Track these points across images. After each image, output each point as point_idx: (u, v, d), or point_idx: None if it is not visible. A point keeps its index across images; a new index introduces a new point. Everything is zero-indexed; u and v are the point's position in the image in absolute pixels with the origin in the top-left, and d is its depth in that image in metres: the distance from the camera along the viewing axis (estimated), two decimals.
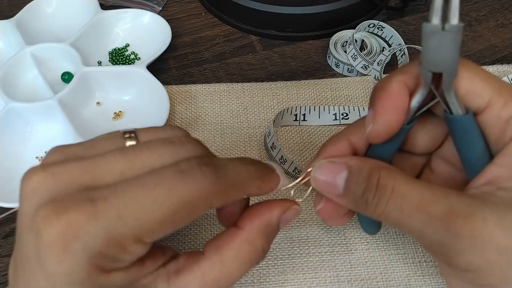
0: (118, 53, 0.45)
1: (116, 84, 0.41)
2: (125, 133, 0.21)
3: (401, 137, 0.24)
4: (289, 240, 0.32)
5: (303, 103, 0.40)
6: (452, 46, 0.20)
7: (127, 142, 0.21)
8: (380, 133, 0.23)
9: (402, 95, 0.22)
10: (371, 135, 0.23)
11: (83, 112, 0.40)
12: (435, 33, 0.20)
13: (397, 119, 0.22)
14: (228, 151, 0.38)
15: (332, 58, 0.43)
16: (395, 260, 0.31)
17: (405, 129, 0.23)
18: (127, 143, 0.21)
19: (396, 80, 0.23)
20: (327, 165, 0.24)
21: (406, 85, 0.22)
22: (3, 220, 0.34)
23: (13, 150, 0.37)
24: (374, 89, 0.23)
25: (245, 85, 0.42)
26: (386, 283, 0.30)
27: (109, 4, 0.49)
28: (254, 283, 0.31)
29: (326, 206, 0.25)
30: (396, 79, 0.23)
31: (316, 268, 0.31)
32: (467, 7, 0.49)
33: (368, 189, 0.22)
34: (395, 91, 0.22)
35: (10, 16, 0.44)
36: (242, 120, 0.39)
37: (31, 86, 0.42)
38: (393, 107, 0.22)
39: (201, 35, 0.47)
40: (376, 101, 0.23)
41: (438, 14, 0.19)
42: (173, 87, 0.41)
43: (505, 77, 0.40)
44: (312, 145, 0.38)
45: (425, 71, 0.21)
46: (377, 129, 0.23)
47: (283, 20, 0.45)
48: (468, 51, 0.45)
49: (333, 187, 0.23)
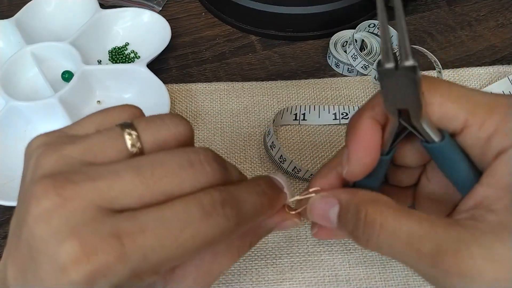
0: (118, 51, 0.45)
1: (117, 83, 0.41)
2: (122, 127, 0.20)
3: (384, 168, 0.24)
4: (288, 239, 0.32)
5: (303, 102, 0.40)
6: (409, 85, 0.19)
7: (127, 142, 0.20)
8: (355, 174, 0.23)
9: (373, 133, 0.22)
10: (348, 176, 0.23)
11: (83, 111, 0.40)
12: (389, 75, 0.20)
13: (370, 158, 0.23)
14: (228, 150, 0.38)
15: (332, 58, 0.43)
16: (394, 260, 0.31)
17: (384, 160, 0.23)
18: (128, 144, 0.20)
19: (366, 117, 0.23)
20: (319, 200, 0.24)
21: (376, 120, 0.23)
22: (3, 220, 0.34)
23: (14, 149, 0.37)
24: (347, 127, 0.24)
25: (245, 84, 0.42)
26: (384, 282, 0.30)
27: (109, 4, 0.50)
28: (253, 281, 0.31)
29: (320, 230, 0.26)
30: (365, 115, 0.23)
31: (315, 267, 0.31)
32: (467, 7, 0.49)
33: (356, 226, 0.22)
34: (365, 130, 0.22)
35: (10, 16, 0.44)
36: (242, 119, 0.39)
37: (32, 85, 0.42)
38: (364, 147, 0.22)
39: (201, 35, 0.47)
40: (348, 142, 0.23)
41: (389, 57, 0.19)
42: (174, 86, 0.41)
43: (506, 77, 0.40)
44: (311, 145, 0.38)
45: (390, 109, 0.21)
46: (352, 170, 0.23)
47: (283, 20, 0.45)
48: (468, 51, 0.45)
49: (327, 221, 0.24)
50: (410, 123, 0.21)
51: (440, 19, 0.48)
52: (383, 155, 0.23)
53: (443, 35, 0.47)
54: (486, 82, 0.41)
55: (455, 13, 0.49)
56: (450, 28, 0.47)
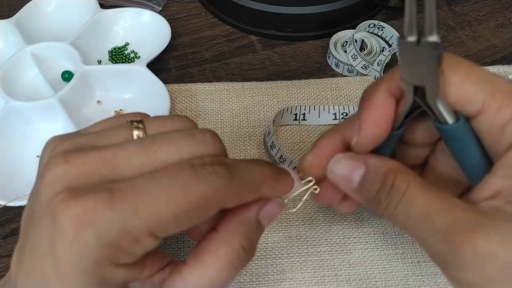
0: (118, 51, 0.45)
1: (117, 83, 0.41)
2: (132, 123, 0.21)
3: (393, 143, 0.24)
4: (288, 239, 0.32)
5: (303, 102, 0.40)
6: (430, 62, 0.18)
7: (134, 132, 0.21)
8: (364, 145, 0.23)
9: (386, 106, 0.22)
10: (356, 146, 0.23)
11: (83, 111, 0.40)
12: (411, 49, 0.18)
13: (381, 131, 0.22)
14: (228, 150, 0.38)
15: (332, 58, 0.43)
16: (394, 260, 0.31)
17: (394, 135, 0.23)
18: (134, 134, 0.21)
19: (381, 89, 0.22)
20: (346, 160, 0.24)
21: (392, 93, 0.22)
22: (3, 220, 0.34)
23: (14, 149, 0.37)
24: (362, 97, 0.23)
25: (245, 84, 0.42)
26: (384, 282, 0.30)
27: (109, 4, 0.50)
28: (252, 282, 0.31)
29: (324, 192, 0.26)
30: (381, 88, 0.22)
31: (314, 267, 0.31)
32: (467, 7, 0.49)
33: (381, 190, 0.22)
34: (379, 102, 0.22)
35: (10, 16, 0.44)
36: (242, 119, 0.39)
37: (32, 85, 0.42)
38: (376, 119, 0.22)
39: (201, 35, 0.47)
40: (361, 112, 0.23)
41: (413, 30, 0.18)
42: (174, 86, 0.41)
43: (505, 77, 0.40)
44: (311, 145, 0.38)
45: (406, 85, 0.20)
46: (361, 142, 0.23)
47: (283, 20, 0.45)
48: (468, 51, 0.45)
49: (349, 182, 0.23)
50: (425, 102, 0.21)
51: (440, 19, 0.48)
52: (393, 130, 0.23)
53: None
54: None
55: (455, 13, 0.49)
56: (450, 28, 0.47)
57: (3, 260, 0.33)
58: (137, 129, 0.21)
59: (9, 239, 0.34)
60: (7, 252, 0.33)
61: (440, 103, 0.20)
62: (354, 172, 0.23)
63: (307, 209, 0.34)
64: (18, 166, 0.36)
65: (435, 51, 0.18)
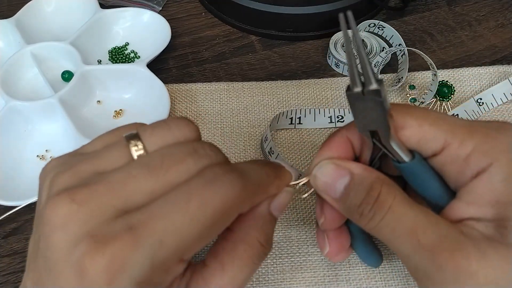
0: (118, 51, 0.45)
1: (117, 82, 0.41)
2: (129, 141, 0.20)
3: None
4: (288, 239, 0.32)
5: (303, 102, 0.40)
6: (376, 107, 0.20)
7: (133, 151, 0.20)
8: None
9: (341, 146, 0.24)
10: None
11: (83, 111, 0.40)
12: (358, 99, 0.21)
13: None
14: (228, 150, 0.38)
15: (332, 58, 0.43)
16: (394, 260, 0.31)
17: None
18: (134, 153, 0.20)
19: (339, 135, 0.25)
20: (330, 167, 0.24)
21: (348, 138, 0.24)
22: (3, 220, 0.34)
23: (14, 148, 0.37)
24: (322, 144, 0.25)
25: (245, 84, 0.42)
26: (384, 282, 0.30)
27: (109, 4, 0.50)
28: (253, 281, 0.31)
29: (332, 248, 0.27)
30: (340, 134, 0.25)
31: (315, 267, 0.31)
32: (467, 7, 0.49)
33: (365, 202, 0.22)
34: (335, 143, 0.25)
35: (10, 16, 0.44)
36: (242, 119, 0.39)
37: (32, 85, 0.42)
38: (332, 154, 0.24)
39: (201, 35, 0.47)
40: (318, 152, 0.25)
41: (357, 82, 0.20)
42: (174, 86, 0.41)
43: (506, 80, 0.39)
44: (312, 145, 0.38)
45: (363, 131, 0.22)
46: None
47: (283, 20, 0.45)
48: (468, 51, 0.45)
49: (332, 189, 0.23)
50: (382, 144, 0.22)
51: (440, 19, 0.48)
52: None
53: (443, 35, 0.47)
54: (486, 82, 0.41)
55: (455, 13, 0.49)
56: (450, 28, 0.47)
57: (3, 260, 0.33)
58: (136, 146, 0.20)
59: (9, 239, 0.34)
60: (7, 252, 0.33)
61: (394, 143, 0.22)
62: (338, 180, 0.23)
63: (307, 209, 0.34)
64: (18, 166, 0.36)
65: (377, 97, 0.20)
